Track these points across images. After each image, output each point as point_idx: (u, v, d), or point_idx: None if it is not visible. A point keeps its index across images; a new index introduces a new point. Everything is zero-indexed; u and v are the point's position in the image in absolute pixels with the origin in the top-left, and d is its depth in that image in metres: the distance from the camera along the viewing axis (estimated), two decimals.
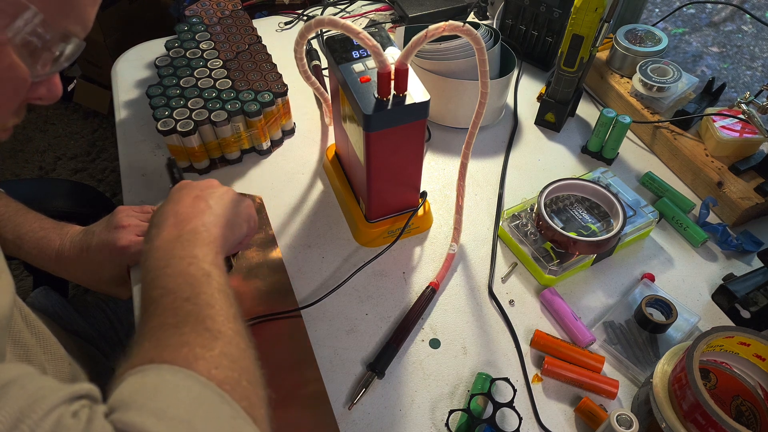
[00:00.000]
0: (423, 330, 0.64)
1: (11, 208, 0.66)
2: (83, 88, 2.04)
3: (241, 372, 0.38)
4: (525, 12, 0.95)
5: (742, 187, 0.75)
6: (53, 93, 0.41)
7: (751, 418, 0.53)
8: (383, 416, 0.57)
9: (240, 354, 0.40)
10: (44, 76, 0.39)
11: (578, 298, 0.68)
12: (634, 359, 0.61)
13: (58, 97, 0.42)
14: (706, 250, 0.73)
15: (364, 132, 0.57)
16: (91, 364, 0.69)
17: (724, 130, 0.76)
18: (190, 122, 0.73)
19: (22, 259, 0.66)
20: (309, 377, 0.59)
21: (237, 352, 0.40)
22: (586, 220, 0.71)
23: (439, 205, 0.77)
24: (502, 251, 0.72)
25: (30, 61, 0.37)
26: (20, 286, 1.43)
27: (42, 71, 0.38)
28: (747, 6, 1.93)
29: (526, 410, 0.58)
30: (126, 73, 0.95)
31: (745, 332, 0.51)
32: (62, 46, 0.38)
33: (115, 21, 1.83)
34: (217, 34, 0.86)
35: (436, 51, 0.80)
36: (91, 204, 0.90)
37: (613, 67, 0.91)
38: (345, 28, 0.52)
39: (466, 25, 0.52)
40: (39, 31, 0.36)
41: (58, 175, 1.88)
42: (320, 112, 0.90)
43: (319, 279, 0.68)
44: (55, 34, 0.37)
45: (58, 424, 0.29)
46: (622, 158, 0.85)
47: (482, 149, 0.85)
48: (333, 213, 0.76)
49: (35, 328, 0.56)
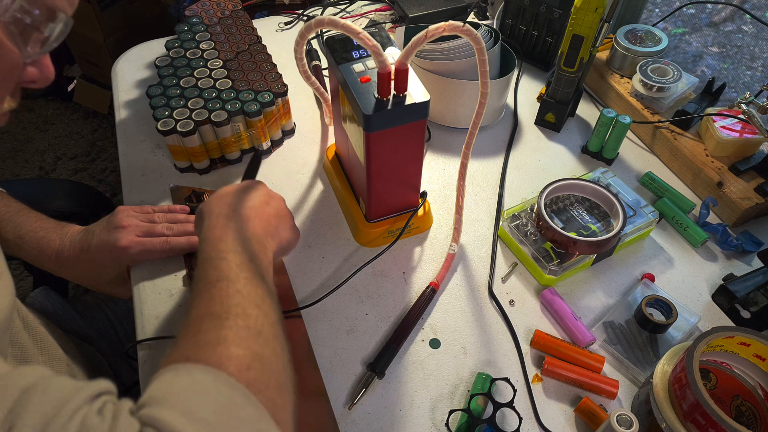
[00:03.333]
0: (423, 330, 0.64)
1: (12, 208, 0.66)
2: (83, 88, 2.04)
3: (270, 375, 0.39)
4: (525, 12, 0.95)
5: (742, 187, 0.75)
6: (45, 74, 0.41)
7: (751, 418, 0.53)
8: (383, 416, 0.57)
9: (274, 357, 0.41)
10: (35, 56, 0.39)
11: (578, 298, 0.68)
12: (634, 359, 0.61)
13: (50, 78, 0.42)
14: (706, 250, 0.73)
15: (364, 132, 0.57)
16: (89, 365, 0.69)
17: (724, 130, 0.76)
18: (190, 122, 0.73)
19: (22, 259, 0.66)
20: (309, 377, 0.59)
21: (271, 355, 0.41)
22: (586, 220, 0.71)
23: (439, 205, 0.77)
24: (502, 251, 0.72)
25: (20, 40, 0.37)
26: (20, 286, 1.43)
27: (32, 51, 0.38)
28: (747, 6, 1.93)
29: (526, 410, 0.58)
30: (126, 73, 0.95)
31: (745, 332, 0.51)
32: (51, 26, 0.38)
33: (115, 21, 1.83)
34: (217, 34, 0.86)
35: (436, 51, 0.80)
36: (91, 204, 0.90)
37: (613, 67, 0.91)
38: (345, 28, 0.52)
39: (466, 25, 0.52)
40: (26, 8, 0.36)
41: (58, 175, 1.88)
42: (320, 112, 0.90)
43: (319, 279, 0.68)
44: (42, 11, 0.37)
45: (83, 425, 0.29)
46: (622, 158, 0.85)
47: (482, 149, 0.85)
48: (333, 213, 0.76)
49: (33, 329, 0.56)
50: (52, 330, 0.66)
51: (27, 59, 0.39)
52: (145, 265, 0.67)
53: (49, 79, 0.42)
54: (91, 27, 1.79)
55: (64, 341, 0.67)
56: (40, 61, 0.41)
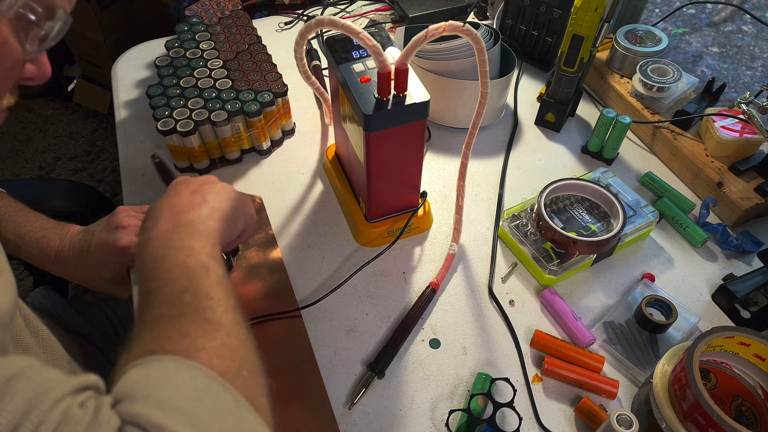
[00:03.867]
0: (423, 330, 0.64)
1: (12, 208, 0.66)
2: (83, 88, 2.03)
3: (241, 362, 0.39)
4: (525, 12, 0.95)
5: (742, 187, 0.75)
6: (43, 72, 0.41)
7: (751, 418, 0.53)
8: (383, 416, 0.57)
9: (240, 344, 0.40)
10: (33, 54, 0.39)
11: (578, 298, 0.68)
12: (634, 359, 0.61)
13: (47, 76, 0.42)
14: (706, 250, 0.73)
15: (364, 132, 0.57)
16: (90, 364, 0.69)
17: (724, 130, 0.76)
18: (190, 122, 0.73)
19: (22, 259, 0.66)
20: (309, 377, 0.59)
21: (237, 342, 0.40)
22: (586, 220, 0.71)
23: (439, 205, 0.77)
24: (502, 251, 0.72)
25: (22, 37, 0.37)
26: (20, 286, 1.43)
27: (31, 49, 0.38)
28: (747, 6, 1.93)
29: (526, 410, 0.58)
30: (126, 73, 0.95)
31: (745, 332, 0.51)
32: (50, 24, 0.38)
33: (115, 21, 1.83)
34: (217, 34, 0.86)
35: (436, 51, 0.80)
36: (91, 204, 0.90)
37: (613, 67, 0.91)
38: (345, 28, 0.52)
39: (466, 25, 0.52)
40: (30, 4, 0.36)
41: (58, 175, 1.88)
42: (320, 112, 0.90)
43: (319, 279, 0.68)
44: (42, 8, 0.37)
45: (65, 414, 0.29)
46: (622, 158, 0.85)
47: (482, 149, 0.85)
48: (333, 213, 0.76)
49: (35, 328, 0.56)
50: (53, 329, 0.66)
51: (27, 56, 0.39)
52: None
53: (46, 77, 0.42)
54: (91, 27, 1.79)
55: (66, 340, 0.67)
56: (37, 59, 0.41)
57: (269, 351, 0.61)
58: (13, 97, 0.42)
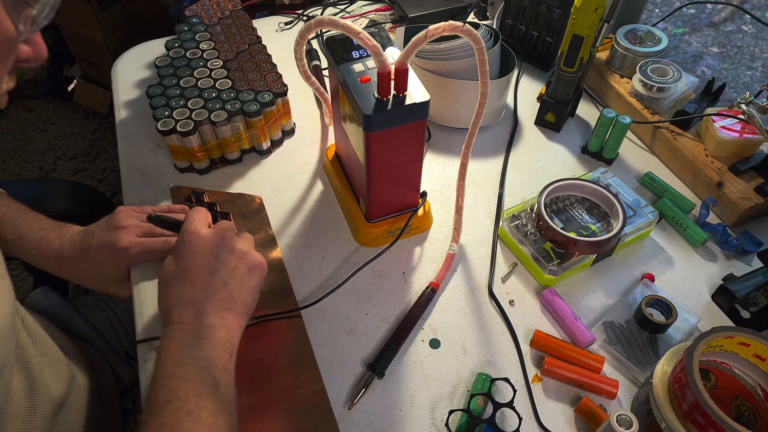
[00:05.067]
0: (423, 330, 0.64)
1: (12, 208, 0.66)
2: (83, 88, 2.04)
3: None
4: (525, 12, 0.95)
5: (742, 187, 0.75)
6: (39, 52, 0.41)
7: (751, 419, 0.53)
8: (383, 416, 0.57)
9: None
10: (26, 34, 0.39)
11: (578, 298, 0.68)
12: (634, 359, 0.61)
13: (44, 56, 0.42)
14: (706, 250, 0.73)
15: (364, 132, 0.57)
16: (90, 365, 0.69)
17: (724, 130, 0.76)
18: (190, 122, 0.73)
19: (22, 259, 0.66)
20: (309, 377, 0.59)
21: None
22: (586, 220, 0.71)
23: (439, 205, 0.77)
24: (502, 251, 0.72)
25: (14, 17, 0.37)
26: (20, 286, 1.43)
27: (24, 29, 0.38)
28: (747, 6, 1.93)
29: (526, 410, 0.58)
30: (126, 73, 0.96)
31: (745, 332, 0.51)
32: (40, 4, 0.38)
33: (115, 21, 1.83)
34: (217, 34, 0.86)
35: (436, 51, 0.80)
36: (91, 204, 0.90)
37: (613, 68, 0.91)
38: (345, 28, 0.52)
39: (466, 25, 0.52)
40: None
41: (58, 175, 1.88)
42: (320, 112, 0.90)
43: (319, 279, 0.68)
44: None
45: None
46: (622, 158, 0.85)
47: (482, 149, 0.85)
48: (333, 213, 0.76)
49: (31, 330, 0.56)
50: (52, 330, 0.66)
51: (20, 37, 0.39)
52: (145, 265, 0.67)
53: (43, 57, 0.41)
54: (91, 27, 1.79)
55: (65, 341, 0.67)
56: (32, 39, 0.40)
57: (269, 351, 0.61)
58: (12, 80, 0.42)
